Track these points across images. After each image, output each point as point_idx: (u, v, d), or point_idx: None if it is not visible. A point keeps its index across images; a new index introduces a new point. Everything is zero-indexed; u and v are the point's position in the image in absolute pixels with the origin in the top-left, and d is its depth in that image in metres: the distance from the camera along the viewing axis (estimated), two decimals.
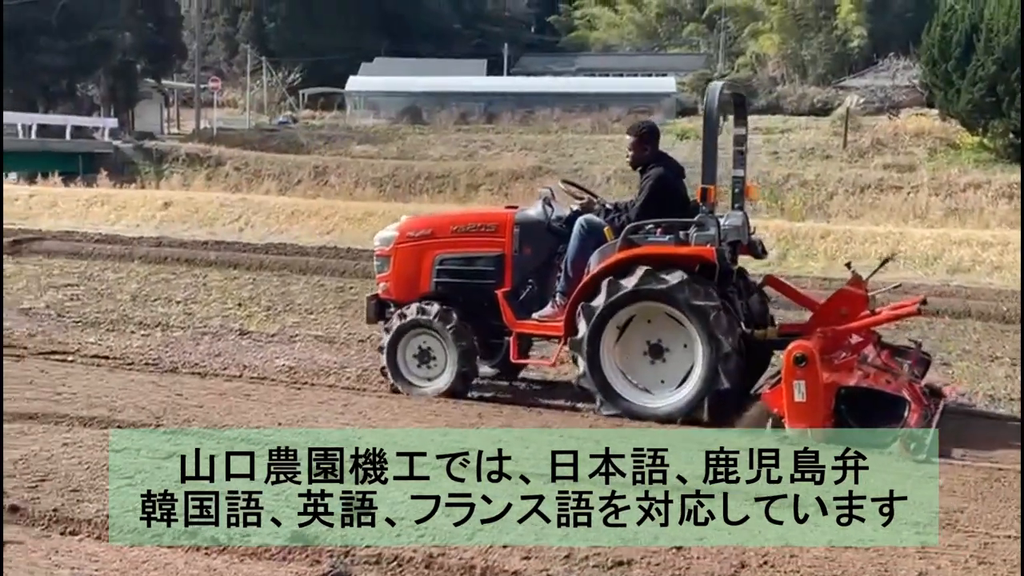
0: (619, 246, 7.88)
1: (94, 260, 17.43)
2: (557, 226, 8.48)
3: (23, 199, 26.69)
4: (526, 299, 8.51)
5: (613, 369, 7.91)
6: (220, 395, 8.17)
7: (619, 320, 7.86)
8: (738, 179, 8.64)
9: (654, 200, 8.02)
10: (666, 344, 7.88)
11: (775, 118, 50.09)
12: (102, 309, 12.52)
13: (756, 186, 8.90)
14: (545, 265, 8.54)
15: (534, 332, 8.47)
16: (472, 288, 8.59)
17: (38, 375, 8.60)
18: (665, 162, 8.33)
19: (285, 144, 49.81)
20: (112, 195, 28.45)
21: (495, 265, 8.56)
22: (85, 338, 10.60)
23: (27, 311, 12.08)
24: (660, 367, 7.93)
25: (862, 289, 8.13)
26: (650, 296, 7.68)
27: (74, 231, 21.70)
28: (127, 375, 8.91)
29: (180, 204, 27.10)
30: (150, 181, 42.16)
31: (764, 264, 18.37)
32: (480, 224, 8.80)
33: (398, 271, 8.90)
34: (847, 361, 7.53)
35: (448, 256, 8.73)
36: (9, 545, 4.93)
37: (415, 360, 8.65)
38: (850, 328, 7.89)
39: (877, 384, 7.28)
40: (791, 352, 7.06)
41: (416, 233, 8.94)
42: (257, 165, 42.51)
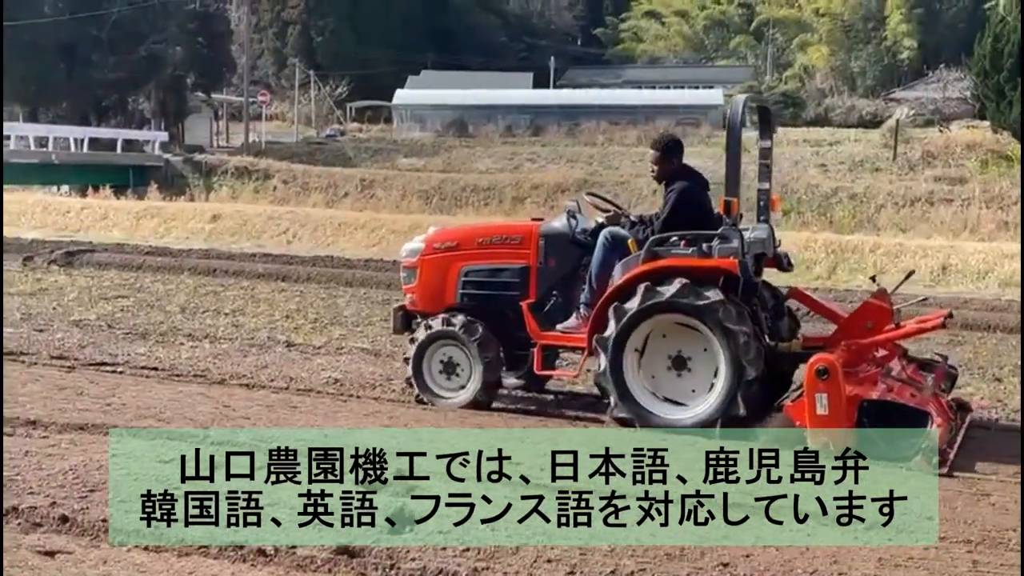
0: (643, 258, 7.87)
1: (144, 272, 17.63)
2: (582, 238, 8.50)
3: (75, 211, 27.05)
4: (550, 311, 8.52)
5: (634, 372, 7.86)
6: (267, 407, 8.21)
7: (650, 326, 7.79)
8: (763, 192, 8.66)
9: (678, 213, 8.01)
10: (689, 356, 7.82)
11: (823, 130, 49.74)
12: (152, 321, 12.63)
13: (781, 198, 8.90)
14: (570, 277, 8.54)
15: (558, 344, 8.47)
16: (497, 299, 8.64)
17: (88, 386, 8.69)
18: (689, 175, 8.33)
19: (332, 157, 50.14)
20: (162, 208, 28.78)
21: (520, 277, 8.60)
22: (135, 349, 10.70)
23: (78, 322, 12.22)
24: (683, 379, 7.86)
25: (886, 302, 8.09)
26: (684, 310, 7.63)
27: (125, 243, 21.97)
28: (176, 386, 8.98)
29: (229, 217, 27.34)
30: (199, 194, 42.59)
31: (813, 277, 18.32)
32: (505, 236, 8.85)
33: (424, 282, 8.96)
34: (871, 374, 7.50)
35: (473, 268, 8.78)
36: (59, 555, 4.98)
37: (440, 371, 8.68)
38: (875, 341, 7.86)
39: (900, 398, 7.24)
40: (813, 365, 7.02)
41: (442, 245, 9.00)
42: (305, 178, 42.80)
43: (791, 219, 32.77)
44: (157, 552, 5.05)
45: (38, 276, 16.61)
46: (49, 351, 10.33)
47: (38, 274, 16.95)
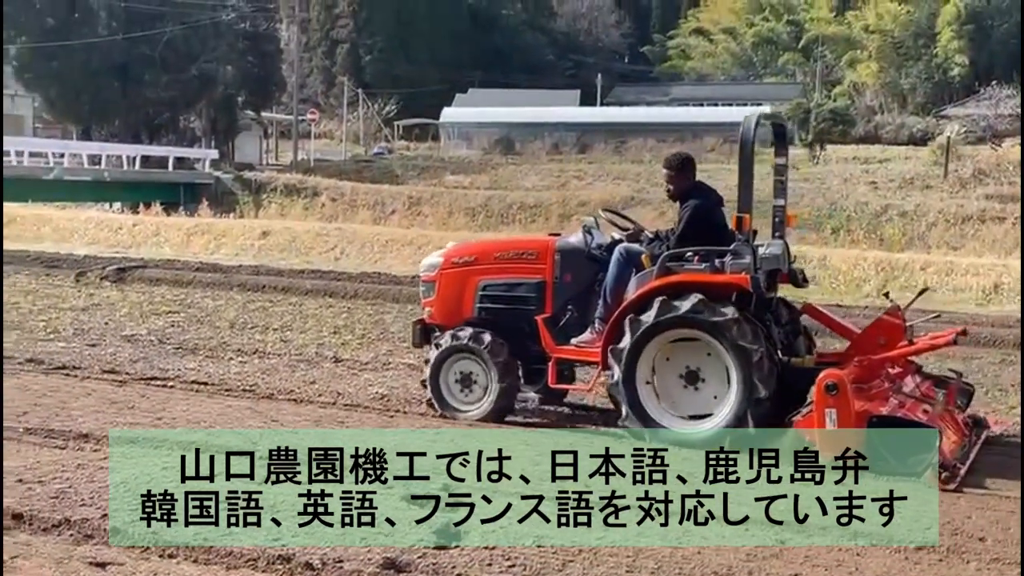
0: (656, 273, 7.91)
1: (194, 288, 17.80)
2: (597, 254, 8.53)
3: (127, 228, 27.41)
4: (565, 325, 8.54)
5: (646, 384, 7.89)
6: (315, 422, 8.26)
7: (664, 340, 7.83)
8: (779, 208, 8.66)
9: (692, 229, 8.05)
10: (702, 371, 7.84)
11: (873, 148, 49.37)
12: (201, 336, 12.76)
13: (796, 215, 9.06)
14: (585, 292, 8.56)
15: (572, 358, 8.51)
16: (514, 314, 8.68)
17: (139, 400, 8.79)
18: (703, 192, 8.37)
19: (380, 175, 50.44)
20: (212, 224, 29.09)
21: (536, 291, 8.64)
22: (185, 364, 10.80)
23: (130, 337, 12.36)
24: (695, 393, 7.88)
25: (899, 319, 8.09)
26: (699, 325, 7.65)
27: (175, 259, 22.20)
28: (225, 401, 9.05)
29: (277, 234, 27.57)
30: (249, 211, 43.02)
31: (863, 295, 18.14)
32: (522, 251, 8.90)
33: (443, 296, 9.02)
34: (882, 390, 7.51)
35: (491, 282, 8.83)
36: (110, 566, 5.04)
37: (457, 384, 8.73)
38: (887, 357, 7.86)
39: (912, 414, 7.25)
40: (823, 380, 7.04)
41: (460, 259, 9.08)
42: (353, 195, 43.09)
43: (840, 236, 32.51)
44: (206, 564, 5.09)
45: (90, 292, 16.82)
46: (101, 365, 10.46)
47: (90, 290, 17.17)
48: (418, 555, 5.14)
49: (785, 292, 8.77)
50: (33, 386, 9.14)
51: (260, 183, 47.71)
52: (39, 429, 7.44)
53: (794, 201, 41.71)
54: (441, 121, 64.80)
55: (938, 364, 10.71)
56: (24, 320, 13.28)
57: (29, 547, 5.22)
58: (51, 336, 12.23)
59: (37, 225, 27.49)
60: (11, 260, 20.49)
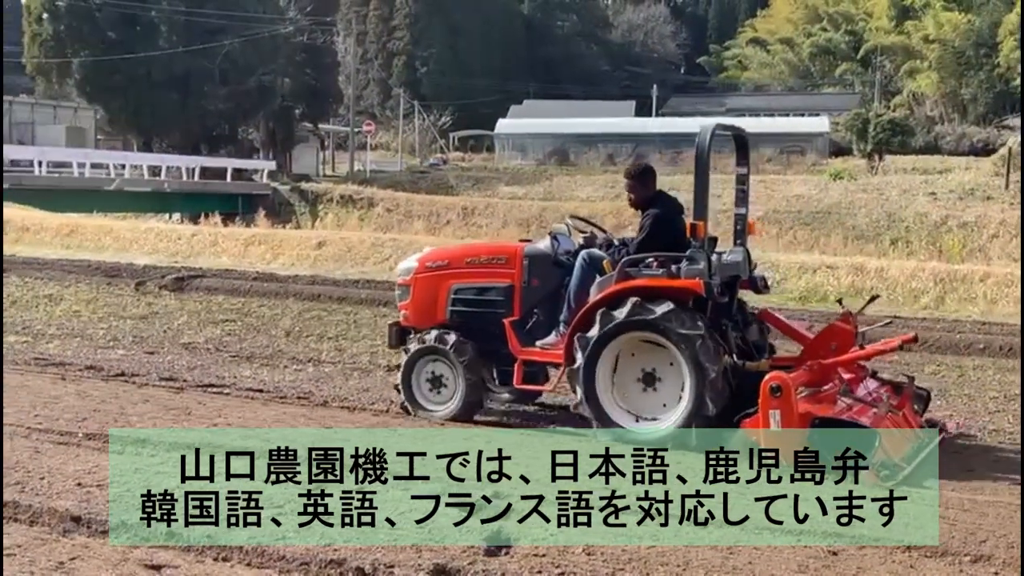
0: (616, 279, 8.16)
1: (251, 297, 17.97)
2: (563, 259, 8.82)
3: (186, 238, 27.72)
4: (532, 328, 8.81)
5: (609, 397, 8.12)
6: (368, 428, 8.32)
7: (614, 349, 8.07)
8: (740, 216, 8.92)
9: (652, 236, 8.34)
10: (659, 373, 8.06)
11: (933, 158, 48.82)
12: (257, 344, 12.89)
13: (757, 222, 9.34)
14: (551, 296, 8.82)
15: (537, 359, 8.73)
16: (484, 316, 8.90)
17: (196, 406, 8.90)
18: (663, 201, 8.65)
19: (435, 185, 50.69)
20: (269, 235, 29.35)
21: (505, 295, 8.88)
22: (241, 372, 10.92)
23: (188, 345, 12.52)
24: (653, 395, 8.11)
25: (851, 325, 8.33)
26: (640, 326, 7.90)
27: (233, 269, 22.43)
28: (280, 408, 9.15)
29: (333, 244, 27.75)
30: (305, 221, 43.38)
31: (920, 307, 17.90)
32: (492, 256, 9.15)
33: (417, 300, 9.29)
34: (830, 393, 7.73)
35: (462, 286, 9.06)
36: (166, 568, 5.11)
37: (428, 384, 9.00)
38: (836, 362, 8.09)
39: (857, 417, 7.39)
40: (767, 382, 7.24)
41: (434, 264, 9.33)
42: (408, 206, 43.33)
43: (898, 248, 32.13)
44: (259, 568, 5.15)
45: (149, 301, 17.06)
46: (159, 372, 10.61)
47: (150, 298, 17.41)
48: (468, 561, 5.16)
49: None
50: (93, 392, 9.29)
51: (316, 194, 48.10)
52: (98, 434, 7.56)
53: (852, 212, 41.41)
54: (496, 132, 64.99)
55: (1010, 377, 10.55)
56: (85, 328, 13.51)
57: (87, 549, 5.31)
58: (111, 344, 12.43)
59: (99, 235, 27.89)
60: (73, 269, 20.87)
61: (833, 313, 16.37)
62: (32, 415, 8.15)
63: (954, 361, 12.76)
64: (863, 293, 18.33)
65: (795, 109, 69.67)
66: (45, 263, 22.01)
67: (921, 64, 67.85)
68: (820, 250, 27.34)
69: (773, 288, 15.24)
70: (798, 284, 18.79)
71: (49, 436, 7.48)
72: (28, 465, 6.64)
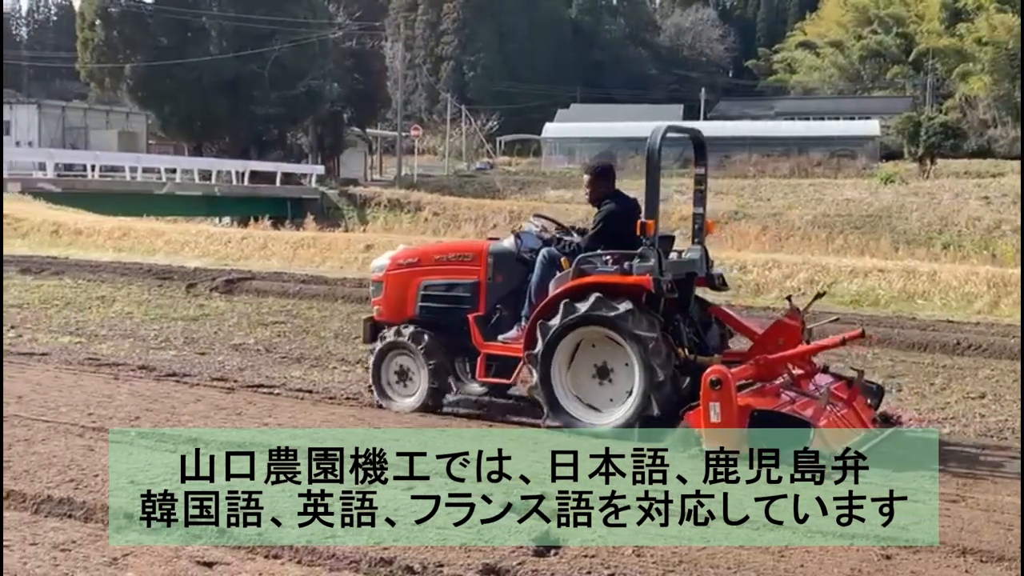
0: (572, 275, 8.41)
1: (300, 299, 18.07)
2: (527, 256, 9.06)
3: (236, 241, 27.95)
4: (496, 323, 9.07)
5: (562, 384, 8.39)
6: (416, 428, 8.34)
7: (573, 340, 8.32)
8: (698, 215, 9.17)
9: (603, 234, 8.61)
10: (613, 368, 8.29)
11: (986, 162, 48.24)
12: (307, 346, 12.96)
13: (715, 222, 9.60)
14: (515, 292, 9.06)
15: (499, 353, 8.92)
16: (452, 312, 9.19)
17: (247, 407, 8.97)
18: (619, 199, 8.86)
19: (482, 189, 50.79)
20: (318, 238, 29.54)
21: (471, 291, 9.17)
22: (291, 372, 10.99)
23: (238, 346, 12.62)
24: (607, 387, 8.34)
25: (798, 321, 8.54)
26: (599, 321, 8.15)
27: (282, 272, 22.56)
28: (329, 408, 9.20)
29: (381, 247, 27.77)
30: (353, 225, 43.60)
31: (974, 311, 17.64)
32: (459, 254, 9.46)
33: (389, 296, 9.58)
34: (773, 387, 8.02)
35: (431, 283, 9.37)
36: (217, 566, 5.15)
37: (395, 377, 9.31)
38: (781, 357, 8.30)
39: (800, 410, 7.55)
40: (708, 376, 7.46)
41: (405, 261, 9.61)
42: (455, 210, 43.45)
43: (950, 252, 31.74)
44: (310, 566, 5.17)
45: (200, 302, 17.21)
46: (210, 373, 10.70)
47: (200, 300, 17.56)
48: (517, 561, 5.16)
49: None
50: (145, 392, 9.40)
51: (364, 198, 48.36)
52: (150, 433, 7.64)
53: (903, 216, 40.97)
54: (543, 136, 65.04)
55: None
56: (137, 329, 13.66)
57: (140, 545, 5.36)
58: (163, 344, 12.56)
59: (150, 238, 28.20)
60: (126, 272, 21.11)
61: (885, 318, 16.26)
62: (86, 414, 8.26)
63: (1008, 366, 12.57)
64: (915, 298, 18.14)
65: (845, 112, 69.06)
66: (98, 265, 22.28)
67: (974, 67, 66.97)
68: (871, 254, 27.08)
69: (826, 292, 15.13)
70: (849, 288, 18.59)
71: (103, 435, 7.56)
72: (82, 463, 6.72)
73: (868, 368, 12.03)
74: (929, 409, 9.80)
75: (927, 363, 12.65)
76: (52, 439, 7.34)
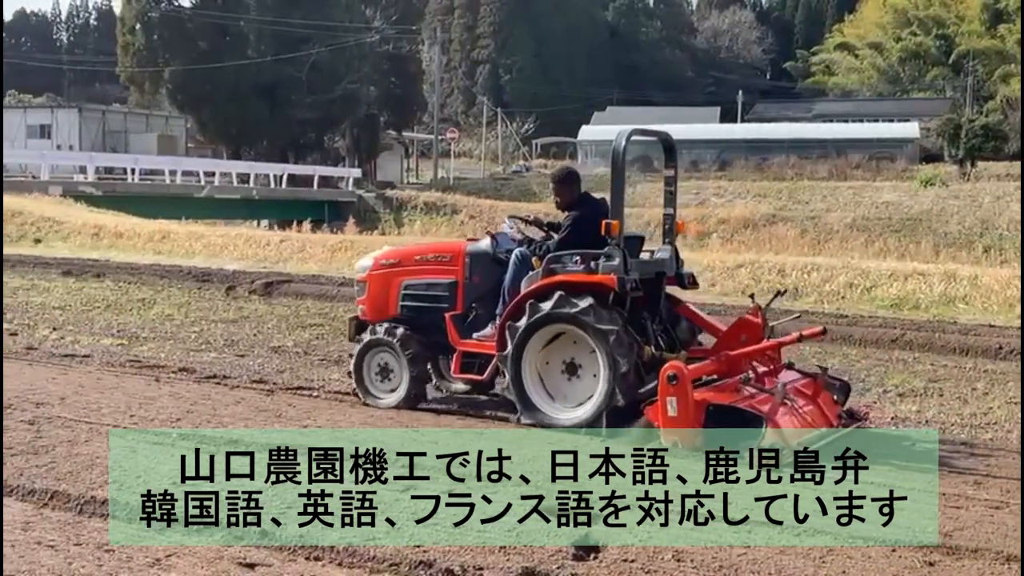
0: (541, 275, 8.70)
1: (338, 302, 18.14)
2: (502, 257, 9.32)
3: (274, 244, 28.10)
4: (472, 321, 9.35)
5: (534, 382, 8.68)
6: (453, 432, 8.36)
7: (542, 338, 8.61)
8: (668, 216, 9.38)
9: (571, 236, 8.87)
10: (581, 364, 8.56)
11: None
12: (345, 348, 12.97)
13: (686, 222, 9.77)
14: (491, 292, 9.31)
15: (473, 350, 9.20)
16: (431, 311, 9.46)
17: (286, 408, 9.04)
18: (586, 203, 9.14)
19: (518, 192, 50.83)
20: (355, 241, 29.64)
21: (449, 291, 9.45)
22: (329, 375, 11.04)
23: (277, 349, 12.70)
24: (575, 383, 8.62)
25: (759, 318, 8.76)
26: (563, 318, 8.43)
27: (320, 274, 22.67)
28: (367, 410, 9.24)
29: None
30: (390, 228, 43.73)
31: (1015, 316, 17.42)
32: (438, 255, 9.74)
33: (372, 295, 9.85)
34: (733, 382, 8.11)
35: (412, 282, 9.66)
36: (259, 567, 5.19)
37: (377, 374, 9.55)
38: (743, 353, 8.48)
39: (757, 406, 7.65)
40: (665, 371, 7.60)
41: (387, 262, 9.89)
42: (491, 213, 43.51)
43: (991, 255, 31.41)
44: (350, 568, 5.20)
45: (239, 305, 17.33)
46: (250, 375, 10.77)
47: (240, 303, 17.68)
48: (556, 565, 5.16)
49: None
50: (186, 394, 9.48)
51: (401, 201, 48.51)
52: (191, 435, 7.70)
53: (943, 219, 40.57)
54: (579, 139, 64.96)
55: None
56: (177, 331, 13.78)
57: (183, 547, 5.41)
58: (203, 347, 12.65)
59: (190, 241, 28.40)
60: (166, 275, 21.30)
61: (926, 322, 16.10)
62: (128, 415, 8.35)
63: None
64: (955, 301, 17.95)
65: (884, 115, 68.54)
66: (138, 268, 22.50)
67: (1015, 68, 66.24)
68: (911, 258, 26.84)
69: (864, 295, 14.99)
70: (889, 292, 18.42)
71: (144, 436, 7.64)
72: (124, 464, 6.79)
73: (909, 372, 11.96)
74: (971, 414, 9.71)
75: (968, 368, 12.53)
76: (94, 440, 7.43)
